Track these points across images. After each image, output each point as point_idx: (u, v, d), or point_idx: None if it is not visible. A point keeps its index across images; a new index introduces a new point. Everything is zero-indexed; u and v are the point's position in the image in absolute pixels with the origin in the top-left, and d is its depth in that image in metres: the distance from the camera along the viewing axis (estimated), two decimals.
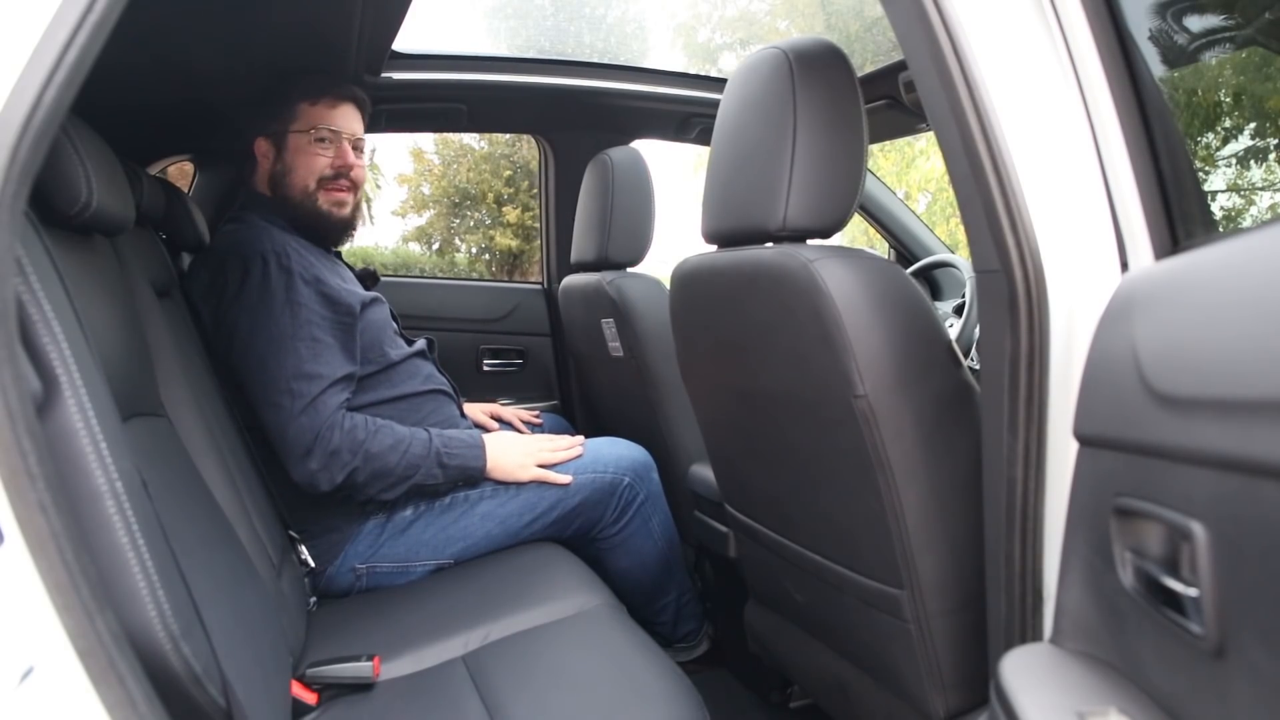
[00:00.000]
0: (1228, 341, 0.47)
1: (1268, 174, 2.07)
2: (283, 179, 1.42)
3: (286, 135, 1.42)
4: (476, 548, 1.39)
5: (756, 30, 11.01)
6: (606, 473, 1.45)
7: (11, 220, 0.54)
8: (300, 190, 1.42)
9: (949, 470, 0.88)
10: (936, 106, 0.74)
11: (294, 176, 1.42)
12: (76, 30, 0.55)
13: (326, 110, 1.43)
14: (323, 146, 1.42)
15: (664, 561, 1.52)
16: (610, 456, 1.48)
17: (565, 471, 1.43)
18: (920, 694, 0.94)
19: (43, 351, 0.59)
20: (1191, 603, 0.49)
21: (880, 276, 0.88)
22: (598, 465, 1.46)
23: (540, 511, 1.41)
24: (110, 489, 0.61)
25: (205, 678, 0.66)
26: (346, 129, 1.44)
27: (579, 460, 1.46)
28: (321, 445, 1.23)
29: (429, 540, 1.36)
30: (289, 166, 1.42)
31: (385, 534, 1.35)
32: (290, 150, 1.42)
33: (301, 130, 1.41)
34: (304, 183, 1.42)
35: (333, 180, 1.43)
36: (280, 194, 1.43)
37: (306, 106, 1.41)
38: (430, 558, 1.37)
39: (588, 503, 1.44)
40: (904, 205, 2.25)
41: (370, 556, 1.34)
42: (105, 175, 0.80)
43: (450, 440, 1.35)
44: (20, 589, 0.53)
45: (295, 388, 1.24)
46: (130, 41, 0.72)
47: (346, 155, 1.44)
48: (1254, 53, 1.38)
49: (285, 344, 1.25)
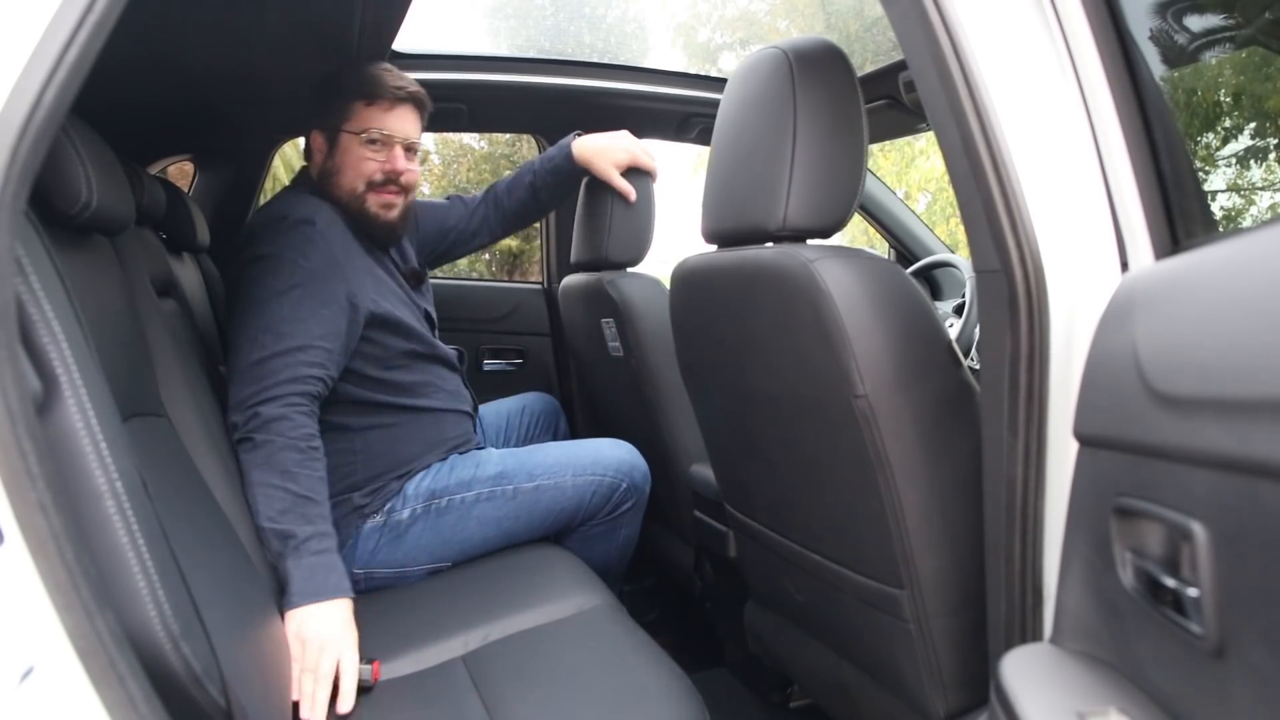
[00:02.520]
0: (1228, 341, 0.47)
1: (1268, 174, 2.07)
2: (331, 177, 1.37)
3: (339, 133, 1.36)
4: (473, 550, 1.38)
5: (756, 30, 11.01)
6: (607, 475, 1.44)
7: (12, 220, 0.54)
8: (348, 191, 1.36)
9: (949, 470, 0.88)
10: (936, 106, 0.74)
11: (342, 177, 1.36)
12: (76, 30, 0.55)
13: (382, 113, 1.35)
14: (374, 150, 1.35)
15: (608, 564, 1.52)
16: (612, 459, 1.46)
17: (563, 472, 1.42)
18: (920, 694, 0.94)
19: (43, 351, 0.59)
20: (1192, 603, 0.49)
21: (880, 276, 0.88)
22: (598, 468, 1.44)
23: (537, 515, 1.40)
24: (110, 489, 0.62)
25: (205, 677, 0.66)
26: (400, 133, 1.37)
27: (581, 460, 1.44)
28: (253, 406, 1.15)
29: (426, 544, 1.35)
30: (338, 166, 1.36)
31: (383, 538, 1.33)
32: (341, 149, 1.36)
33: (354, 131, 1.35)
34: (352, 185, 1.36)
35: (382, 185, 1.37)
36: (329, 190, 1.38)
37: (362, 106, 1.34)
38: (428, 561, 1.35)
39: (584, 505, 1.43)
40: (904, 205, 2.25)
41: (368, 562, 1.32)
42: (105, 175, 0.80)
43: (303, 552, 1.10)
44: (20, 589, 0.53)
45: (260, 339, 1.18)
46: (130, 41, 0.72)
47: (397, 161, 1.37)
48: (1254, 53, 1.38)
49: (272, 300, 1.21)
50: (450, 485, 1.37)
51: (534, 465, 1.42)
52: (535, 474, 1.41)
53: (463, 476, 1.38)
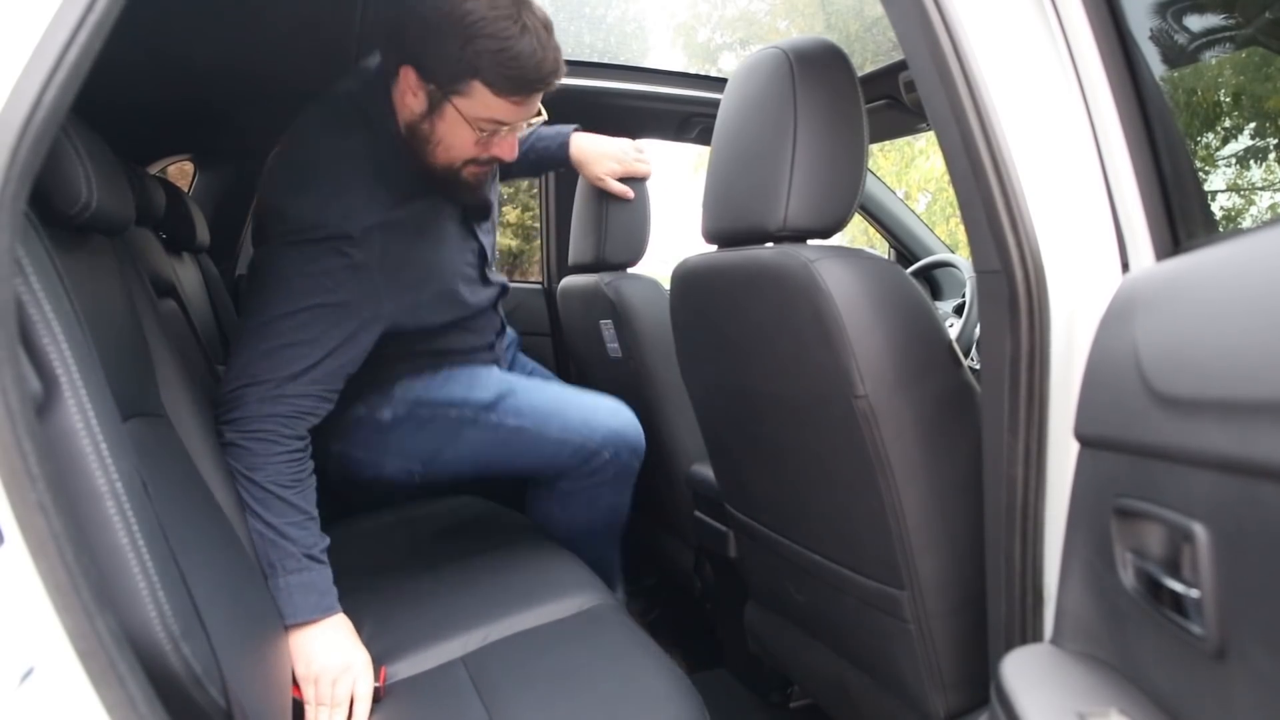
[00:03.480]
0: (1229, 342, 0.47)
1: (1268, 174, 2.07)
2: (424, 140, 1.14)
3: (447, 101, 1.10)
4: (443, 468, 1.37)
5: (756, 30, 11.01)
6: (592, 440, 1.38)
7: (12, 220, 0.53)
8: (442, 164, 1.16)
9: (949, 470, 0.88)
10: (937, 106, 0.73)
11: (439, 148, 1.14)
12: (77, 30, 0.55)
13: (509, 105, 1.10)
14: (484, 134, 1.13)
15: (594, 537, 1.48)
16: (604, 425, 1.40)
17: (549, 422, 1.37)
18: (920, 694, 0.94)
19: (43, 352, 0.59)
20: (1192, 604, 0.49)
21: (880, 276, 0.88)
22: (585, 429, 1.39)
23: (512, 455, 1.37)
24: (110, 489, 0.61)
25: (205, 678, 0.66)
26: (523, 118, 1.14)
27: (571, 416, 1.39)
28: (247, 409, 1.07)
29: (402, 448, 1.35)
30: (437, 136, 1.13)
31: (362, 429, 1.32)
32: (443, 118, 1.11)
33: (467, 115, 1.10)
34: (448, 160, 1.16)
35: (485, 162, 1.18)
36: (413, 149, 1.16)
37: (484, 90, 1.07)
38: (399, 462, 1.36)
39: (559, 461, 1.39)
40: (904, 205, 2.25)
41: (347, 439, 1.33)
42: (105, 175, 0.80)
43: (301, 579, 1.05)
44: (20, 590, 0.53)
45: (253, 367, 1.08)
46: (131, 41, 0.72)
47: (510, 149, 1.16)
48: (1254, 53, 1.38)
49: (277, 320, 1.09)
50: (438, 399, 1.35)
51: (525, 404, 1.38)
52: (523, 413, 1.37)
53: (453, 393, 1.35)
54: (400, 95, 1.13)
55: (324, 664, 1.00)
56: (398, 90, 1.13)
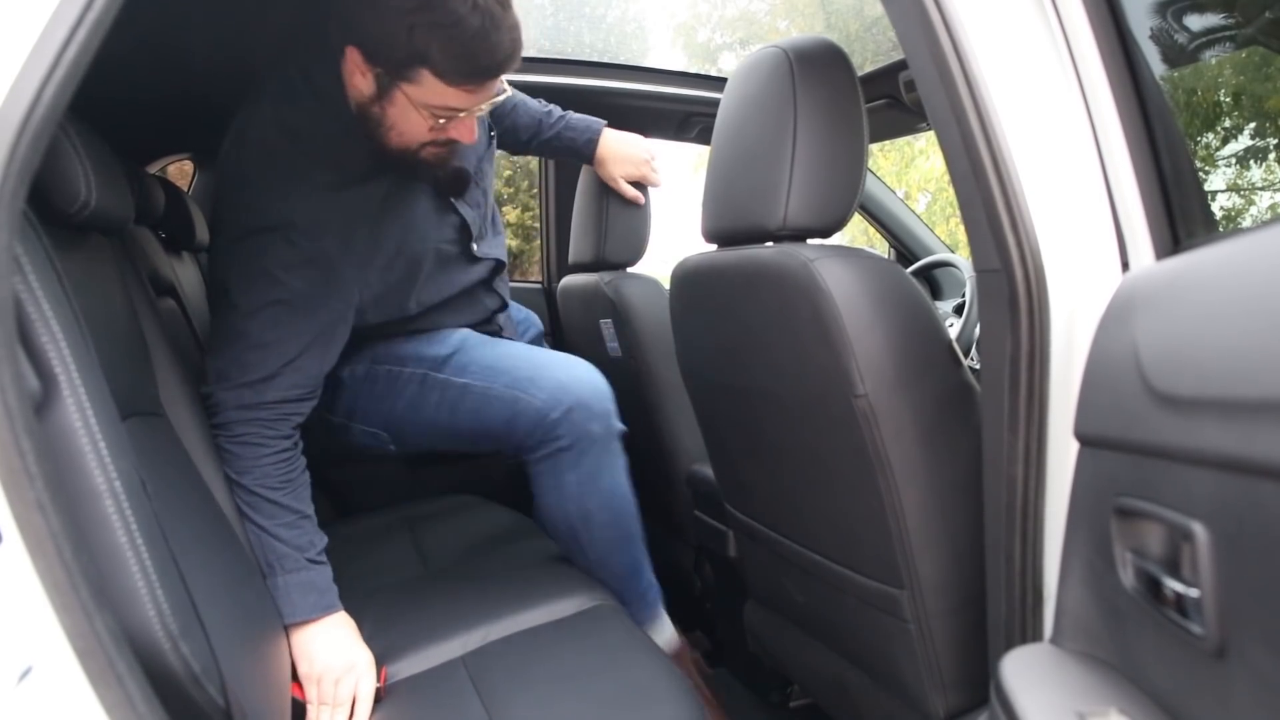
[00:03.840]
0: (1229, 341, 0.47)
1: (1268, 174, 2.07)
2: (376, 123, 1.08)
3: (395, 87, 1.03)
4: (402, 429, 1.30)
5: (756, 30, 11.01)
6: (537, 397, 1.20)
7: (10, 219, 0.53)
8: (398, 147, 1.10)
9: (949, 470, 0.88)
10: (937, 106, 0.73)
11: (392, 133, 1.08)
12: (75, 28, 0.54)
13: (461, 93, 1.03)
14: (436, 120, 1.07)
15: (580, 537, 1.28)
16: (553, 379, 1.22)
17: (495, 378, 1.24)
18: (920, 693, 0.94)
19: (41, 350, 0.59)
20: (1192, 603, 0.49)
21: (880, 276, 0.88)
22: (532, 385, 1.21)
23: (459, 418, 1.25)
24: (109, 488, 0.61)
25: (204, 677, 0.66)
26: (476, 103, 1.06)
27: (519, 370, 1.24)
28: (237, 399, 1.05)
29: (357, 405, 1.30)
30: (389, 120, 1.07)
31: (328, 388, 1.19)
32: (396, 104, 1.05)
33: (417, 102, 1.04)
34: (403, 143, 1.10)
35: (443, 144, 1.12)
36: (367, 131, 1.09)
37: (433, 78, 1.01)
38: (358, 420, 1.31)
39: (507, 425, 1.22)
40: (904, 205, 2.25)
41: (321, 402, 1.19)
42: (104, 174, 0.80)
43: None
44: (19, 588, 0.53)
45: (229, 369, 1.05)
46: (129, 39, 0.72)
47: (469, 132, 1.10)
48: (1254, 53, 1.38)
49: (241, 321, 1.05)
50: (394, 355, 1.29)
51: (475, 360, 1.27)
52: (470, 370, 1.25)
53: (406, 350, 1.28)
54: (349, 75, 1.06)
55: (327, 663, 1.00)
56: (345, 69, 1.06)
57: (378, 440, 1.32)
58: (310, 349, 1.09)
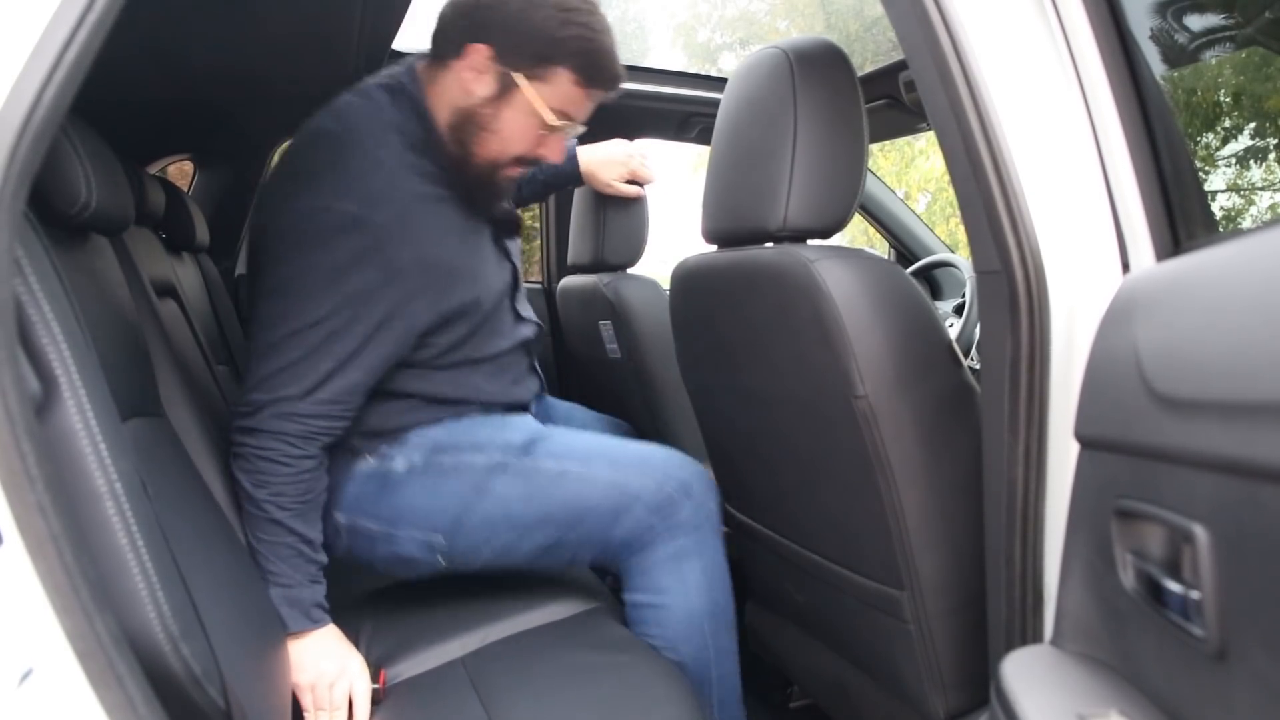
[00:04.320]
0: (1230, 343, 0.47)
1: (1268, 174, 2.07)
2: (478, 127, 1.05)
3: (519, 89, 1.02)
4: (471, 532, 1.11)
5: (756, 30, 11.00)
6: (653, 476, 1.11)
7: (11, 220, 0.53)
8: (488, 159, 1.07)
9: (949, 470, 0.88)
10: (937, 106, 0.73)
11: (494, 139, 1.05)
12: (76, 29, 0.54)
13: (584, 98, 1.05)
14: (548, 129, 1.06)
15: (695, 629, 1.11)
16: (660, 458, 1.14)
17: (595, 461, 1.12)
18: (920, 694, 0.94)
19: (42, 352, 0.59)
20: (1193, 605, 0.49)
21: (880, 276, 0.88)
22: (645, 466, 1.11)
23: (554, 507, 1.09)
24: (110, 490, 0.61)
25: (205, 679, 0.66)
26: (583, 117, 1.09)
27: (622, 454, 1.13)
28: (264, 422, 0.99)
29: (419, 507, 1.10)
30: (499, 123, 1.04)
31: (371, 485, 1.10)
32: (514, 105, 1.03)
33: (542, 100, 1.03)
34: (500, 152, 1.07)
35: (529, 161, 1.10)
36: (458, 139, 1.06)
37: (569, 80, 1.02)
38: (418, 528, 1.10)
39: (617, 509, 1.10)
40: (904, 205, 2.25)
41: (354, 508, 1.10)
42: (105, 175, 0.80)
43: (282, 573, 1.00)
44: (19, 591, 0.53)
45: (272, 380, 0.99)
46: (130, 40, 0.72)
47: (560, 151, 1.10)
48: (1254, 53, 1.38)
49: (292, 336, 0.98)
50: (460, 442, 1.12)
51: (564, 446, 1.14)
52: (562, 455, 1.12)
53: (478, 436, 1.12)
54: (457, 75, 1.04)
55: (321, 670, 0.99)
56: (452, 72, 1.04)
57: (427, 551, 1.11)
58: (355, 359, 1.01)
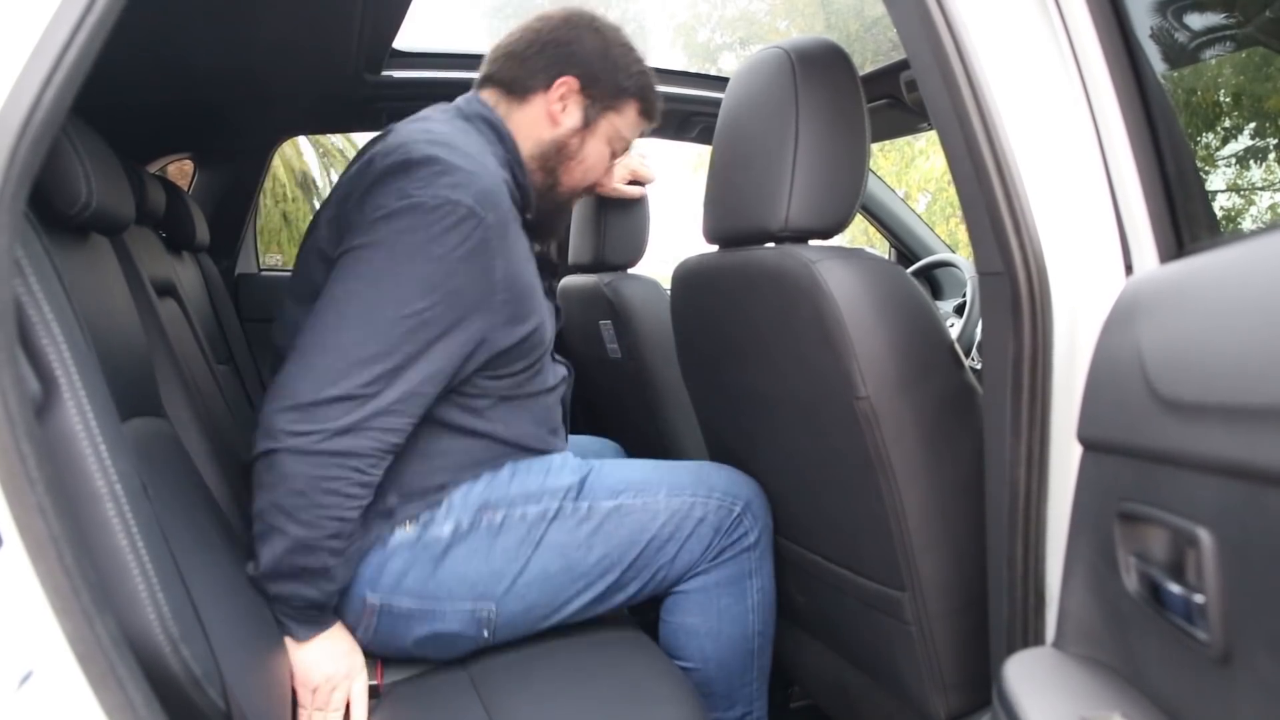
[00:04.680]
0: (1234, 346, 0.47)
1: (1268, 174, 2.07)
2: (568, 156, 1.10)
3: (602, 118, 1.11)
4: (529, 591, 1.01)
5: (756, 30, 11.01)
6: (713, 495, 1.07)
7: (11, 221, 0.53)
8: (571, 186, 1.13)
9: (950, 471, 0.88)
10: (939, 107, 0.73)
11: (579, 168, 1.12)
12: (76, 30, 0.54)
13: (640, 127, 1.16)
14: (613, 155, 1.16)
15: (744, 651, 1.10)
16: (719, 477, 1.10)
17: (654, 490, 1.06)
18: (921, 695, 0.94)
19: (42, 353, 0.59)
20: (1196, 609, 0.48)
21: (882, 277, 0.88)
22: (701, 486, 1.07)
23: (618, 545, 1.03)
24: (110, 491, 0.61)
25: (205, 680, 0.66)
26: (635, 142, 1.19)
27: (678, 478, 1.08)
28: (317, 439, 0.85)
29: (469, 574, 0.99)
30: (584, 152, 1.11)
31: (413, 558, 0.98)
32: (597, 135, 1.11)
33: (617, 129, 1.12)
34: (583, 181, 1.14)
35: (593, 189, 1.20)
36: (547, 168, 1.10)
37: (636, 110, 1.13)
38: (468, 597, 0.99)
39: (681, 535, 1.05)
40: (905, 205, 2.25)
41: (392, 587, 0.98)
42: (105, 175, 0.80)
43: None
44: (19, 592, 0.53)
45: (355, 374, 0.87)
46: (130, 41, 0.72)
47: (613, 177, 1.21)
48: (1254, 53, 1.38)
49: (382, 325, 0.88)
50: (511, 495, 1.02)
51: (618, 479, 1.07)
52: (617, 489, 1.06)
53: (527, 486, 1.03)
54: (544, 107, 1.07)
55: (327, 674, 0.95)
56: (536, 104, 1.07)
57: (474, 624, 1.00)
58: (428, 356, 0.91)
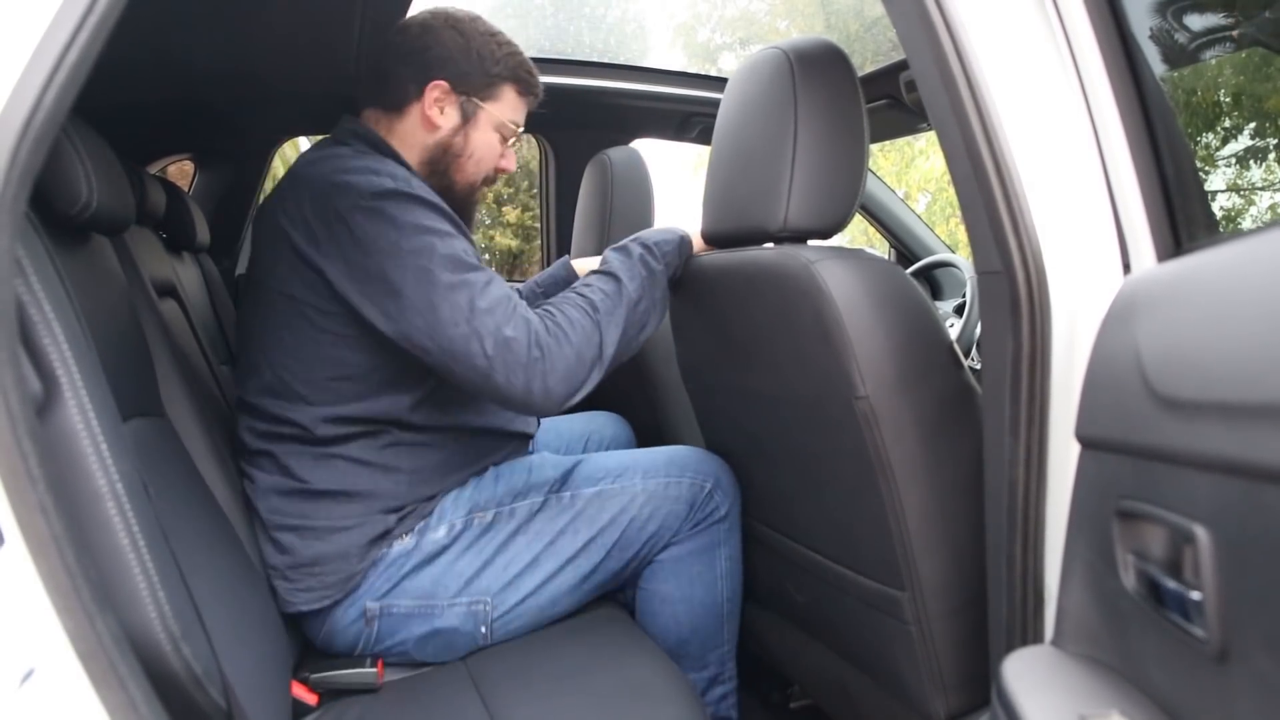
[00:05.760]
0: (1231, 344, 0.47)
1: (1268, 174, 2.07)
2: (457, 154, 1.14)
3: (480, 110, 1.13)
4: (520, 578, 1.09)
5: (756, 30, 11.01)
6: (685, 475, 1.16)
7: (12, 221, 0.53)
8: (468, 182, 1.16)
9: (950, 471, 0.88)
10: (938, 107, 0.73)
11: (469, 163, 1.15)
12: (77, 31, 0.54)
13: (523, 106, 1.18)
14: (503, 143, 1.18)
15: (714, 615, 1.18)
16: (690, 459, 1.19)
17: (629, 475, 1.16)
18: (921, 695, 0.94)
19: (43, 352, 0.59)
20: (1194, 606, 0.49)
21: (881, 277, 0.88)
22: (673, 468, 1.16)
23: (599, 528, 1.12)
24: (111, 490, 0.61)
25: (206, 679, 0.66)
26: (522, 122, 1.20)
27: (651, 462, 1.18)
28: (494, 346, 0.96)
29: (462, 569, 1.08)
30: (471, 146, 1.14)
31: (410, 562, 1.07)
32: (479, 127, 1.14)
33: (498, 117, 1.15)
34: (475, 175, 1.17)
35: (492, 180, 1.21)
36: (438, 171, 1.14)
37: (513, 92, 1.15)
38: (461, 592, 1.07)
39: (658, 514, 1.14)
40: (904, 205, 2.25)
41: (389, 592, 1.06)
42: (105, 175, 0.80)
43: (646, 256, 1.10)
44: (21, 591, 0.53)
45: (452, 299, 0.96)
46: (130, 41, 0.72)
47: (512, 160, 1.20)
48: (1254, 53, 1.38)
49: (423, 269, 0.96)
50: (498, 494, 1.13)
51: (596, 468, 1.17)
52: (596, 477, 1.16)
53: (512, 485, 1.14)
54: (419, 115, 1.12)
55: None
56: (412, 114, 1.12)
57: (471, 620, 1.07)
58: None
